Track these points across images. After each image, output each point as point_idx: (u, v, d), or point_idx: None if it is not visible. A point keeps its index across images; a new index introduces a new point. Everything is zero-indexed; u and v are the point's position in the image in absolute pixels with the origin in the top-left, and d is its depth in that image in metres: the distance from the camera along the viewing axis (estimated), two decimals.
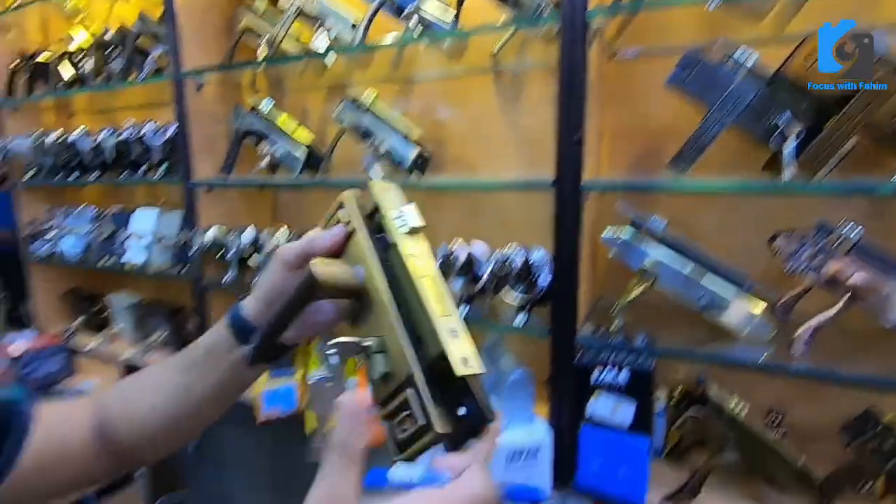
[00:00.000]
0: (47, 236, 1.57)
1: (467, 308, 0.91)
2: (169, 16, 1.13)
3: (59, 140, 1.44)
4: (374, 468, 0.36)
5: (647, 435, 0.80)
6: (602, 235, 0.84)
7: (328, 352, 0.38)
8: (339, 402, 0.35)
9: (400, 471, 0.35)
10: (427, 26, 0.95)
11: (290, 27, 1.07)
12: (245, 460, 1.39)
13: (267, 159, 1.16)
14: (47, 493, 0.49)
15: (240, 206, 1.28)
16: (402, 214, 0.40)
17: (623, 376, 0.79)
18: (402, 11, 0.98)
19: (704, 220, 0.92)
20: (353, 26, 1.06)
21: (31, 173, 1.57)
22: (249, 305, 0.45)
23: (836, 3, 0.77)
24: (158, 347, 1.49)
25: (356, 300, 0.40)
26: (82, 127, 1.43)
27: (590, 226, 0.86)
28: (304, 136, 1.15)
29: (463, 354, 0.33)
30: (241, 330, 0.44)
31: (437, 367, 0.34)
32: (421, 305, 0.36)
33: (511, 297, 0.86)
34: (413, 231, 0.39)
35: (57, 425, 0.49)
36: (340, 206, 0.42)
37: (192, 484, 1.49)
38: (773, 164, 0.80)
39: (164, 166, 1.29)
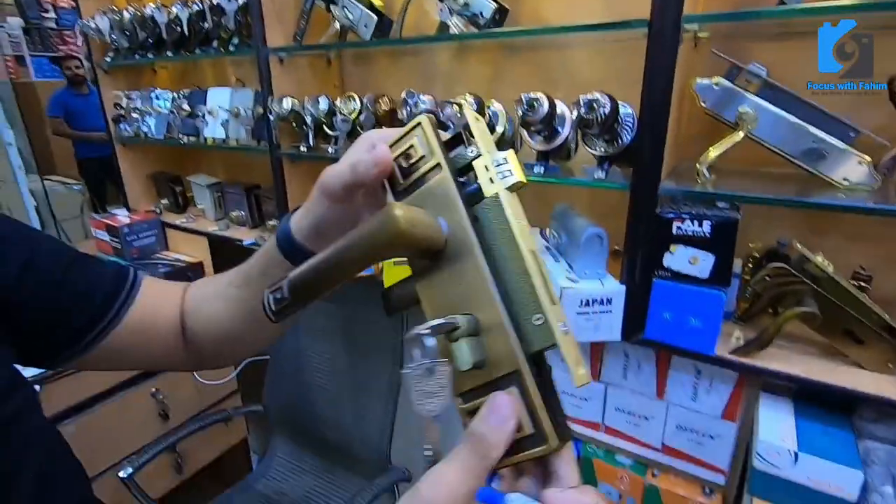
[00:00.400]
0: (131, 118, 1.65)
1: (544, 166, 0.91)
2: None
3: (137, 16, 1.46)
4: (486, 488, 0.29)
5: (724, 287, 0.80)
6: (696, 83, 0.80)
7: (423, 334, 0.29)
8: (493, 396, 0.29)
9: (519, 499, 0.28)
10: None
11: None
12: (320, 326, 1.51)
13: (336, 25, 1.14)
14: (134, 361, 0.53)
15: (310, 77, 1.29)
16: (504, 162, 0.31)
17: (705, 227, 0.78)
18: None
19: (811, 69, 0.84)
20: None
21: (110, 55, 1.63)
22: (299, 226, 0.41)
23: None
24: (238, 224, 1.59)
25: (425, 266, 0.33)
26: (156, 2, 1.45)
27: (680, 80, 0.81)
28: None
29: (577, 358, 0.29)
30: (292, 252, 0.42)
31: (538, 364, 0.30)
32: (526, 286, 0.29)
33: (593, 147, 0.85)
34: (515, 186, 0.31)
35: (155, 297, 0.53)
36: (413, 128, 0.34)
37: (273, 350, 1.65)
38: None
39: (235, 38, 1.30)
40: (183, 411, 1.56)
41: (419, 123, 0.34)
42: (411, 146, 0.33)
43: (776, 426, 0.79)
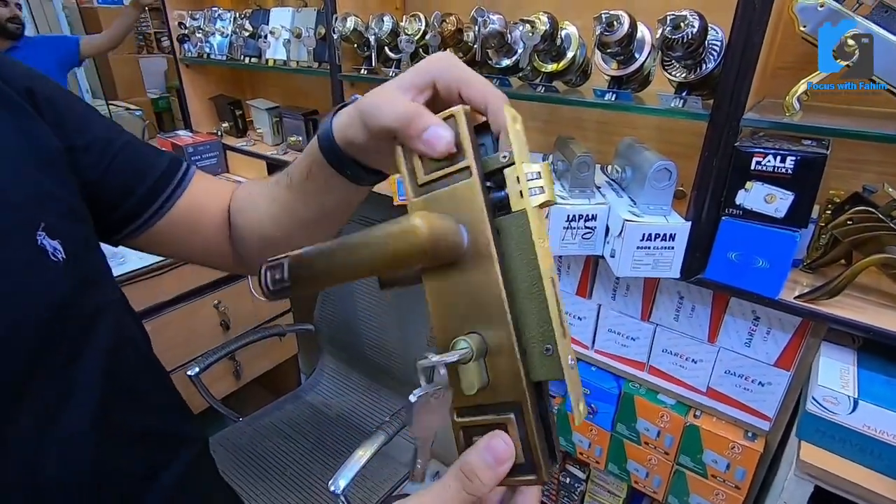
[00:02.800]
0: (195, 38, 1.67)
1: (615, 93, 0.86)
2: None
3: None
4: None
5: (801, 228, 0.76)
6: (798, 3, 0.73)
7: (438, 365, 0.28)
8: (493, 436, 0.29)
9: None
10: None
11: None
12: None
13: None
14: (180, 251, 0.55)
15: None
16: (538, 177, 0.29)
17: (788, 163, 0.73)
18: None
19: None
20: None
21: None
22: (340, 133, 0.39)
23: None
24: (295, 149, 1.62)
25: (435, 270, 0.31)
26: None
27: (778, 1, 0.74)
28: None
29: (579, 395, 0.28)
30: (334, 156, 0.40)
31: (539, 393, 0.29)
32: (540, 312, 0.28)
33: (672, 72, 0.80)
34: (544, 205, 0.29)
35: (206, 191, 0.54)
36: (446, 119, 0.31)
37: None
38: None
39: None
40: (241, 324, 1.67)
41: (452, 115, 0.31)
42: None
43: (836, 373, 0.77)
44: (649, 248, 0.85)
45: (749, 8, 0.70)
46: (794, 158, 0.73)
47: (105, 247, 0.50)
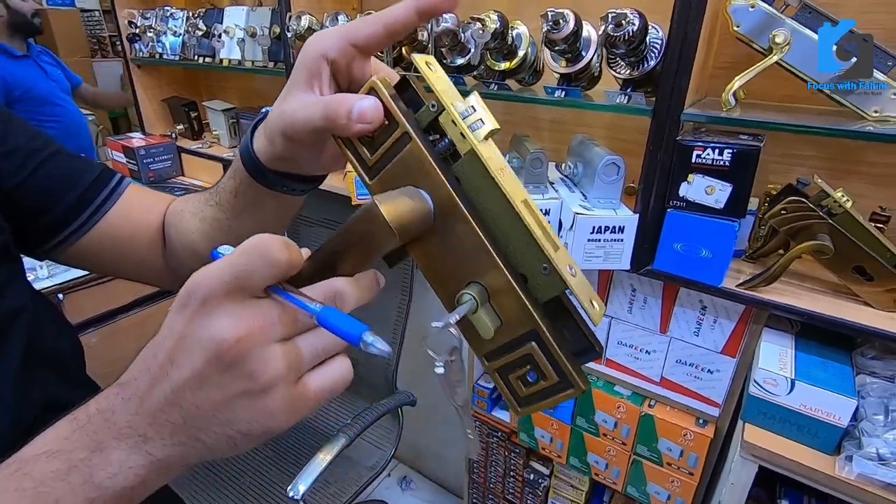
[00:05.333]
0: (146, 38, 1.62)
1: (565, 90, 0.89)
2: None
3: None
4: None
5: (739, 218, 0.80)
6: (730, 6, 0.76)
7: (450, 325, 0.28)
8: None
9: None
10: None
11: None
12: None
13: None
14: (111, 266, 0.53)
15: None
16: (472, 111, 0.29)
17: (726, 156, 0.77)
18: None
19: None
20: None
21: None
22: (260, 148, 0.38)
23: None
24: None
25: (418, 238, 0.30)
26: None
27: (713, 3, 0.78)
28: None
29: (591, 297, 0.27)
30: (261, 175, 0.39)
31: (552, 308, 0.29)
32: (525, 238, 0.27)
33: (617, 69, 0.82)
34: (490, 135, 0.29)
35: (139, 204, 0.52)
36: (368, 93, 0.31)
37: None
38: None
39: None
40: None
41: (371, 88, 0.30)
42: None
43: (776, 357, 0.80)
44: (599, 240, 0.87)
45: (685, 7, 0.73)
46: (731, 151, 0.76)
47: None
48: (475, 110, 0.29)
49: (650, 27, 0.80)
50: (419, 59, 0.30)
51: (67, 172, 0.48)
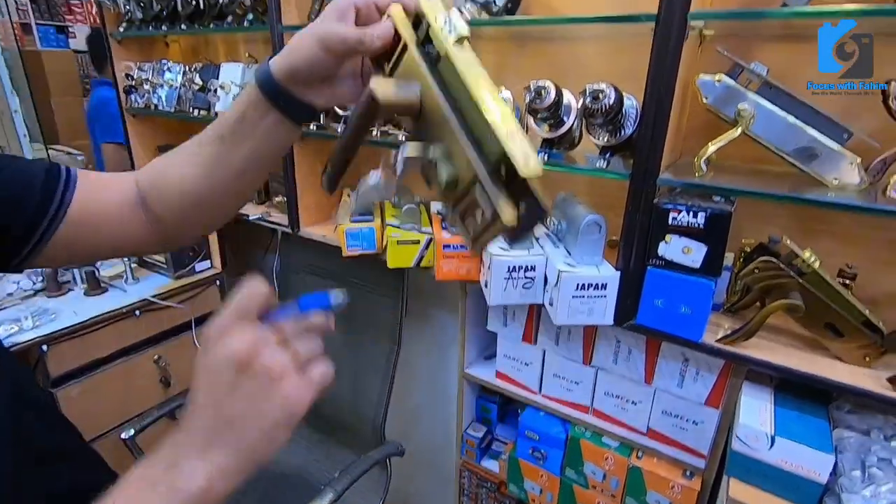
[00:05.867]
0: (142, 89, 1.67)
1: (547, 153, 0.93)
2: None
3: None
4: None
5: (715, 277, 0.83)
6: (698, 79, 0.82)
7: (397, 158, 0.40)
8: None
9: None
10: None
11: None
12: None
13: None
14: (90, 252, 0.54)
15: None
16: (448, 21, 0.38)
17: (700, 219, 0.81)
18: None
19: (811, 71, 0.87)
20: None
21: (123, 25, 1.65)
22: (278, 68, 0.46)
23: None
24: None
25: (416, 119, 0.41)
26: None
27: (684, 75, 0.84)
28: None
29: (524, 153, 0.32)
30: (276, 95, 0.46)
31: (500, 167, 0.35)
32: (478, 109, 0.34)
33: (596, 137, 0.87)
34: (460, 39, 0.37)
35: (97, 184, 0.53)
36: (387, 18, 0.43)
37: None
38: None
39: (250, 15, 1.32)
40: (184, 380, 1.60)
41: (389, 15, 0.43)
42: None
43: (756, 412, 0.82)
44: (584, 296, 0.90)
45: (659, 82, 0.79)
46: (704, 214, 0.81)
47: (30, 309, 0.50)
48: (450, 20, 0.39)
49: (625, 97, 0.85)
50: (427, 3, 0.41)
51: (18, 178, 0.48)
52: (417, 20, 0.42)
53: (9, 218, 0.47)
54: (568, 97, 0.91)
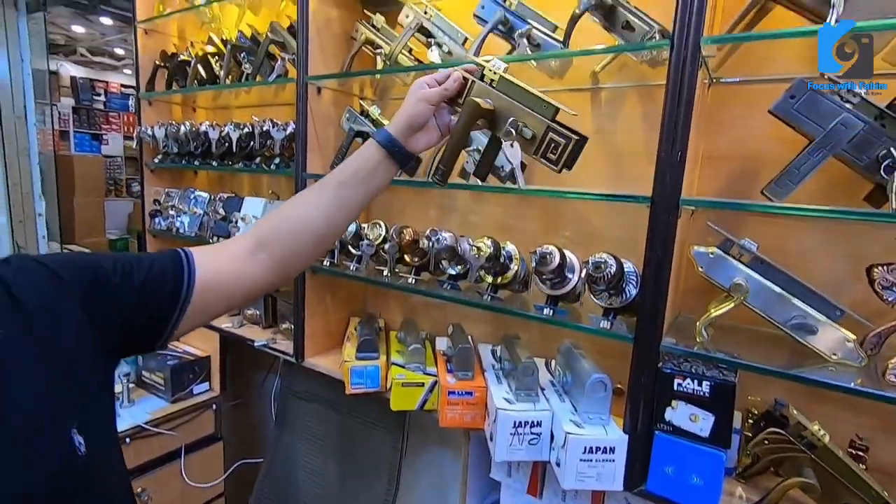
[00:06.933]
0: (167, 213, 1.77)
1: (553, 309, 0.97)
2: (301, 28, 1.27)
3: (192, 130, 1.63)
4: None
5: (725, 448, 0.82)
6: (693, 250, 0.88)
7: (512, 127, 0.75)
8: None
9: None
10: (538, 45, 1.03)
11: (407, 42, 1.19)
12: (320, 435, 1.50)
13: None
14: (217, 310, 0.62)
15: None
16: (494, 64, 0.75)
17: (705, 388, 0.82)
18: (512, 31, 1.07)
19: (795, 246, 0.93)
20: (465, 42, 1.16)
21: (159, 157, 1.79)
22: (395, 131, 0.68)
23: None
24: (252, 322, 1.64)
25: (490, 116, 0.75)
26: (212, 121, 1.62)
27: (677, 244, 0.90)
28: None
29: (562, 105, 0.72)
30: (394, 148, 0.68)
31: (554, 117, 0.72)
32: (529, 94, 0.73)
33: (600, 300, 0.91)
34: (504, 71, 0.75)
35: (212, 259, 0.61)
36: (454, 74, 0.74)
37: (269, 453, 1.62)
38: (875, 195, 0.81)
39: (277, 159, 1.44)
40: None
41: (455, 71, 0.74)
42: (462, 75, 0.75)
43: None
44: (591, 460, 0.88)
45: (655, 257, 0.84)
46: (709, 384, 0.82)
47: None
48: (498, 64, 0.75)
49: (625, 262, 0.91)
50: (473, 60, 0.78)
51: (157, 273, 0.57)
52: (469, 74, 0.75)
53: (154, 308, 0.56)
54: (571, 256, 0.97)
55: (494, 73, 0.74)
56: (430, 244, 1.06)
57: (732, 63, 0.97)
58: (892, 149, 0.72)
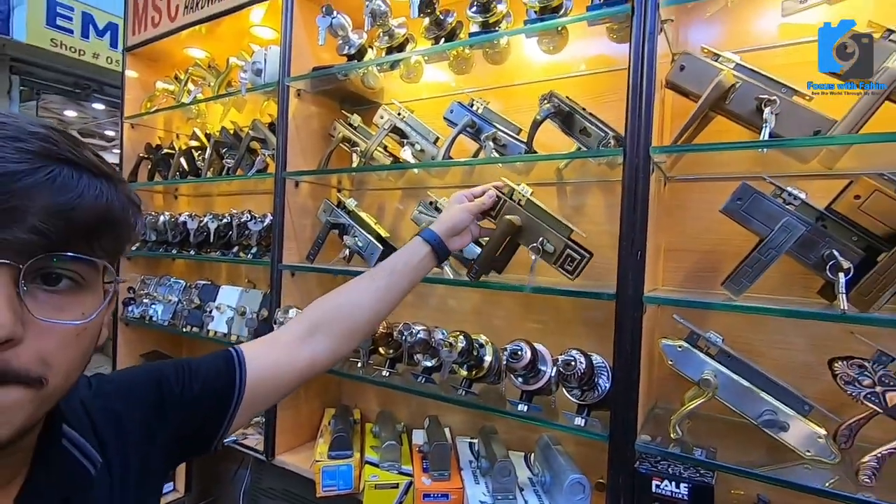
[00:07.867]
0: (141, 301, 1.75)
1: (527, 405, 0.96)
2: (281, 127, 1.34)
3: (170, 220, 1.65)
4: None
5: None
6: (662, 343, 0.89)
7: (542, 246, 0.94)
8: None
9: None
10: (504, 146, 1.09)
11: (381, 141, 1.25)
12: None
13: (346, 251, 1.29)
14: (268, 402, 0.63)
15: (316, 290, 1.41)
16: (523, 188, 0.95)
17: (683, 490, 0.80)
18: (480, 133, 1.14)
19: (759, 335, 0.95)
20: (436, 140, 1.23)
21: (136, 246, 1.79)
22: (439, 231, 0.80)
23: (878, 149, 0.85)
24: None
25: (517, 231, 0.94)
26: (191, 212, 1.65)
27: (646, 334, 0.92)
28: (381, 231, 1.30)
29: (578, 230, 0.93)
30: (438, 246, 0.79)
31: (570, 236, 0.92)
32: (551, 217, 0.93)
33: (573, 396, 0.91)
34: (531, 194, 0.94)
35: (263, 354, 0.62)
36: (489, 192, 0.91)
37: None
38: (827, 290, 0.85)
39: (254, 249, 1.46)
40: None
41: (490, 189, 0.92)
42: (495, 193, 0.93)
43: None
44: None
45: (624, 353, 0.85)
46: (687, 486, 0.80)
47: None
48: (525, 189, 0.95)
49: (594, 358, 0.91)
50: (510, 183, 0.98)
51: (212, 376, 0.57)
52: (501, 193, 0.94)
53: (211, 410, 0.56)
54: (542, 350, 0.97)
55: (522, 195, 0.93)
56: (403, 337, 1.05)
57: (685, 163, 1.03)
58: (834, 250, 0.76)
